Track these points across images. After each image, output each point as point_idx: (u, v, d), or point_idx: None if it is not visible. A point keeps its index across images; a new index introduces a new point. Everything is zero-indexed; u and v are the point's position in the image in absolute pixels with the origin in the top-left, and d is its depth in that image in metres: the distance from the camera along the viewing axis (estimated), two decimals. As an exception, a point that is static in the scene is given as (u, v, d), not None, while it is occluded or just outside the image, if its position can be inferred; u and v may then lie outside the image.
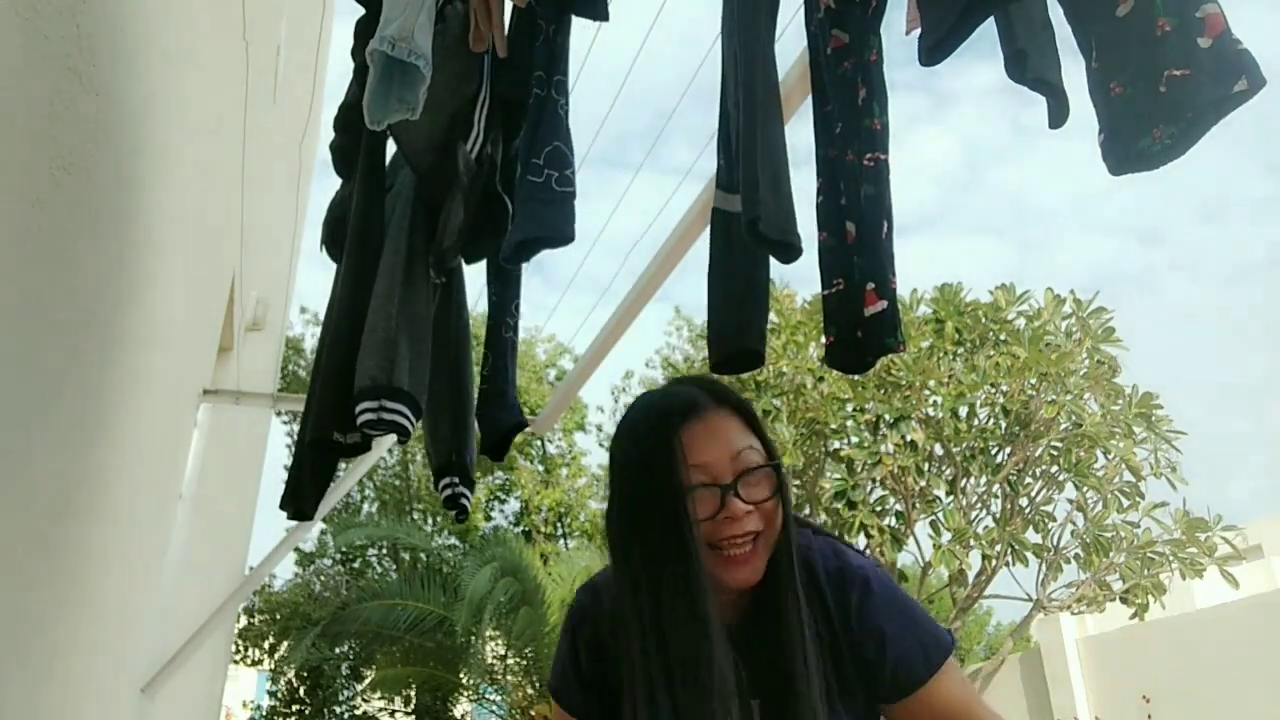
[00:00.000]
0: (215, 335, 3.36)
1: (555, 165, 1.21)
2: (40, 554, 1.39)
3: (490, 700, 12.30)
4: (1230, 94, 0.65)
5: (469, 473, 1.54)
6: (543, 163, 1.21)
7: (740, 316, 1.02)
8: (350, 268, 1.47)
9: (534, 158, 1.22)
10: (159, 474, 2.45)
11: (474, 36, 1.33)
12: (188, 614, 3.20)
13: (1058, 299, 8.21)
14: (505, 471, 13.98)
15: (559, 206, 1.19)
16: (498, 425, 1.45)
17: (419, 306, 1.40)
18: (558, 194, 1.20)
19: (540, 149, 1.22)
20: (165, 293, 2.03)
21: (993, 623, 16.27)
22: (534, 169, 1.21)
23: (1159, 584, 8.07)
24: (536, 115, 1.27)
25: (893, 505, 8.32)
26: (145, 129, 1.64)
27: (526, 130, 1.27)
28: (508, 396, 1.47)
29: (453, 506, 1.53)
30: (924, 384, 8.05)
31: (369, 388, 1.31)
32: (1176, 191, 64.60)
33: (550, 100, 1.27)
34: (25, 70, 1.06)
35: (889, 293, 1.01)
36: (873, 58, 1.12)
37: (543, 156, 1.22)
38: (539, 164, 1.21)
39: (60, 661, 1.59)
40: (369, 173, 1.52)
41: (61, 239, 1.25)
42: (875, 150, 1.07)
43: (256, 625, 13.02)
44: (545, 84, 1.29)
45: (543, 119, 1.26)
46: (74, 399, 1.44)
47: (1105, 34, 0.75)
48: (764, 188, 0.91)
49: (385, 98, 1.18)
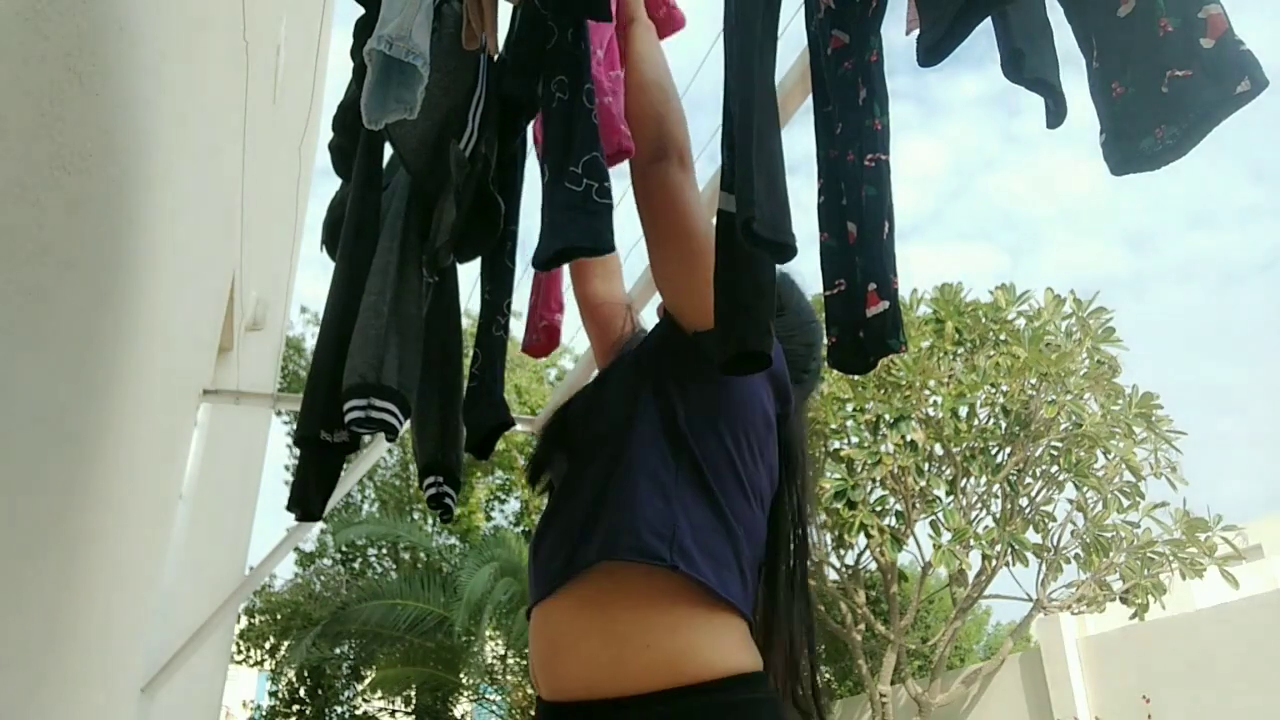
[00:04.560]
0: (215, 335, 3.36)
1: (595, 176, 1.22)
2: (40, 554, 1.38)
3: (490, 700, 12.31)
4: (1233, 95, 0.65)
5: (454, 473, 1.53)
6: (581, 172, 1.22)
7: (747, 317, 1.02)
8: (344, 266, 1.47)
9: (571, 165, 1.23)
10: (159, 474, 2.45)
11: (465, 34, 1.33)
12: (188, 614, 3.20)
13: (1058, 299, 8.20)
14: (505, 471, 13.98)
15: (600, 217, 1.21)
16: (484, 424, 1.45)
17: (411, 305, 1.40)
18: (599, 205, 1.21)
19: (578, 158, 1.23)
20: (165, 293, 2.03)
21: (993, 623, 16.27)
22: (572, 177, 1.22)
23: (1159, 584, 8.07)
24: (566, 121, 1.27)
25: (893, 505, 8.31)
26: (145, 129, 1.64)
27: (559, 137, 1.27)
28: (495, 395, 1.47)
29: (437, 506, 1.53)
30: (924, 384, 8.04)
31: (357, 385, 1.30)
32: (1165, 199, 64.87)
33: (581, 108, 1.27)
34: (25, 70, 1.06)
35: (890, 293, 1.00)
36: (873, 58, 1.12)
37: (581, 165, 1.22)
38: (578, 173, 1.22)
39: (60, 661, 1.59)
40: (365, 171, 1.51)
41: (61, 239, 1.25)
42: (876, 150, 1.07)
43: (257, 625, 13.02)
44: (569, 88, 1.29)
45: (575, 127, 1.26)
46: (74, 399, 1.44)
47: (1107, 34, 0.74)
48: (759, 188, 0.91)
49: (383, 97, 1.18)
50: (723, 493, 1.16)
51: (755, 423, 1.22)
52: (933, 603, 12.39)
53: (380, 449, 3.05)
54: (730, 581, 1.12)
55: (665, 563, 1.08)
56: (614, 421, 1.22)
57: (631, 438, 1.18)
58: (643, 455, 1.17)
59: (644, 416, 1.20)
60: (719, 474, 1.16)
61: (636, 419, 1.20)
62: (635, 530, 1.10)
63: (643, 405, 1.21)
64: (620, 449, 1.18)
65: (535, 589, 1.21)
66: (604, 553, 1.10)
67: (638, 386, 1.24)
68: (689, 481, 1.15)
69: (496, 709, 12.26)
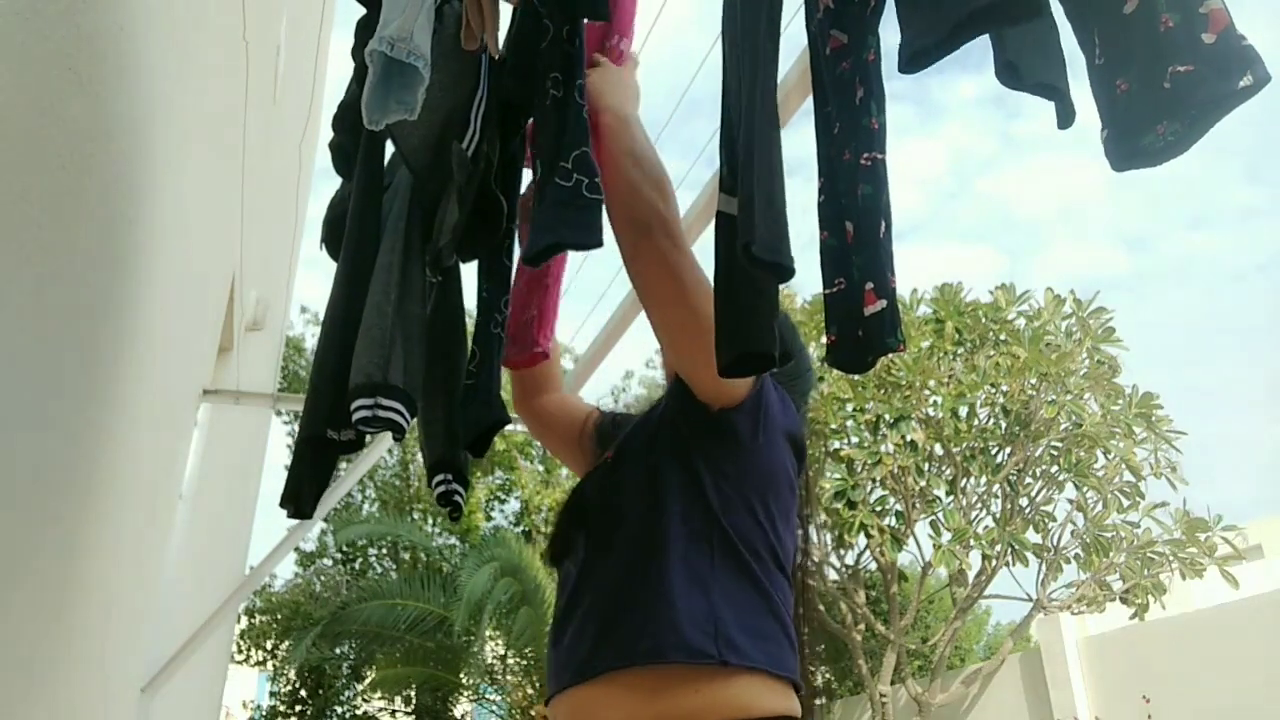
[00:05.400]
0: (215, 335, 3.36)
1: (584, 172, 1.21)
2: (40, 554, 1.38)
3: (490, 700, 12.31)
4: (1235, 89, 0.65)
5: (463, 471, 1.53)
6: (571, 167, 1.21)
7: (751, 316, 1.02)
8: (346, 266, 1.47)
9: (562, 161, 1.22)
10: (159, 474, 2.45)
11: (465, 34, 1.33)
12: (188, 614, 3.19)
13: (1058, 299, 8.21)
14: (505, 471, 13.98)
15: (590, 213, 1.20)
16: (480, 421, 1.45)
17: (414, 305, 1.40)
18: (589, 201, 1.20)
19: (568, 153, 1.22)
20: (165, 293, 2.03)
21: (993, 623, 16.28)
22: (562, 173, 1.21)
23: (1159, 584, 8.08)
24: (559, 118, 1.27)
25: (893, 505, 8.32)
26: (145, 129, 1.64)
27: (550, 133, 1.26)
28: (492, 393, 1.47)
29: (446, 504, 1.53)
30: (924, 384, 8.05)
31: (364, 384, 1.30)
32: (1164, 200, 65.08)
33: (573, 104, 1.27)
34: (25, 70, 1.06)
35: (888, 292, 1.00)
36: (870, 58, 1.12)
37: (571, 161, 1.22)
38: (568, 168, 1.21)
39: (60, 661, 1.59)
40: (367, 171, 1.51)
41: (61, 239, 1.25)
42: (873, 150, 1.07)
43: (257, 625, 13.02)
44: (562, 85, 1.29)
45: (566, 123, 1.26)
46: (74, 399, 1.44)
47: (1109, 31, 0.74)
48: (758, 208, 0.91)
49: (384, 98, 1.18)
50: (760, 568, 1.13)
51: (783, 491, 1.19)
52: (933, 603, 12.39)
53: (380, 449, 3.05)
54: (783, 656, 1.10)
55: (714, 660, 1.05)
56: (638, 503, 1.18)
57: (661, 521, 1.14)
58: (674, 541, 1.13)
59: (670, 496, 1.16)
60: (755, 550, 1.14)
61: (663, 500, 1.16)
62: (678, 628, 1.07)
63: (667, 484, 1.17)
64: (649, 534, 1.14)
65: (560, 676, 1.16)
66: (649, 655, 1.07)
67: (658, 464, 1.20)
68: (726, 564, 1.12)
69: (496, 709, 12.26)
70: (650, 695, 1.07)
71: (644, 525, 1.15)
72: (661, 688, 1.06)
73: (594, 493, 1.29)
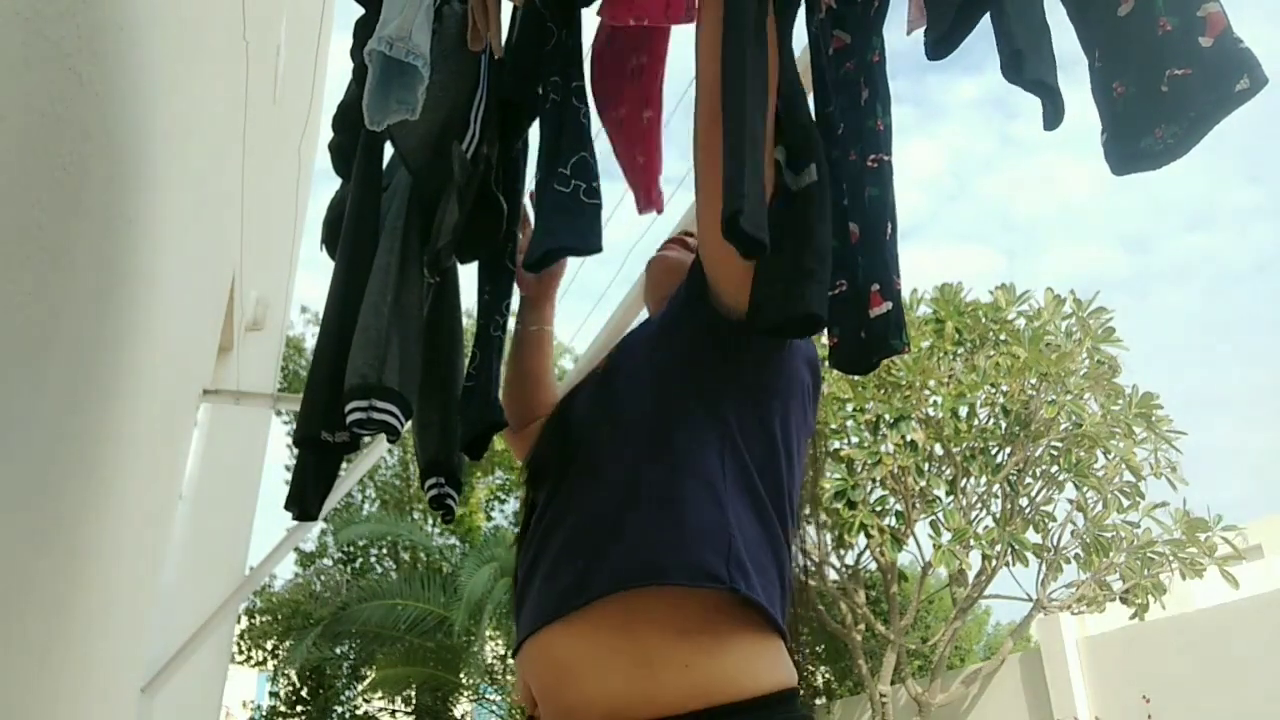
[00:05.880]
0: (215, 335, 3.36)
1: (583, 176, 1.21)
2: (40, 554, 1.38)
3: (490, 700, 12.31)
4: (1232, 93, 0.65)
5: (456, 473, 1.53)
6: (569, 172, 1.21)
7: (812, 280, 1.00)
8: (344, 266, 1.47)
9: (560, 166, 1.22)
10: (159, 474, 2.45)
11: (471, 36, 1.33)
12: (188, 614, 3.19)
13: (1058, 299, 8.21)
14: (505, 471, 13.97)
15: (588, 218, 1.20)
16: (477, 423, 1.45)
17: (412, 306, 1.40)
18: (587, 205, 1.20)
19: (567, 158, 1.22)
20: (165, 293, 2.03)
21: (993, 623, 16.27)
22: (561, 178, 1.21)
23: (1159, 584, 8.07)
24: (557, 121, 1.27)
25: (893, 505, 8.32)
26: (145, 130, 1.64)
27: (549, 136, 1.26)
28: (490, 395, 1.47)
29: (438, 507, 1.52)
30: (924, 384, 8.05)
31: (359, 386, 1.30)
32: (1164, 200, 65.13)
33: (571, 107, 1.27)
34: (25, 70, 1.06)
35: (894, 294, 1.00)
36: (875, 59, 1.12)
37: (569, 166, 1.22)
38: (565, 174, 1.21)
39: (60, 661, 1.59)
40: (365, 171, 1.51)
41: (61, 239, 1.25)
42: (879, 151, 1.07)
43: (257, 625, 13.02)
44: (561, 89, 1.29)
45: (565, 126, 1.25)
46: (73, 399, 1.44)
47: (1108, 34, 0.75)
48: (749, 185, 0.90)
49: (384, 98, 1.18)
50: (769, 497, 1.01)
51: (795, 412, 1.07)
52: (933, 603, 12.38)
53: (380, 449, 3.05)
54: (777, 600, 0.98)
55: (725, 585, 0.92)
56: (642, 407, 1.04)
57: (671, 425, 1.00)
58: (688, 448, 0.99)
59: (680, 400, 1.02)
60: (764, 474, 1.01)
61: (674, 404, 1.02)
62: (688, 546, 0.94)
63: (678, 387, 1.03)
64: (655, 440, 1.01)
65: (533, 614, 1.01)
66: (651, 574, 0.93)
67: (668, 366, 1.06)
68: (737, 482, 0.99)
69: (496, 709, 12.26)
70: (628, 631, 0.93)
71: (647, 431, 1.01)
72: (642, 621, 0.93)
73: (584, 405, 1.14)
